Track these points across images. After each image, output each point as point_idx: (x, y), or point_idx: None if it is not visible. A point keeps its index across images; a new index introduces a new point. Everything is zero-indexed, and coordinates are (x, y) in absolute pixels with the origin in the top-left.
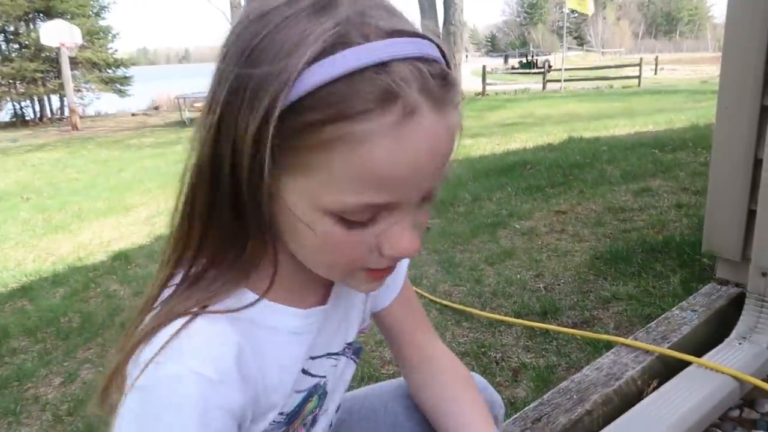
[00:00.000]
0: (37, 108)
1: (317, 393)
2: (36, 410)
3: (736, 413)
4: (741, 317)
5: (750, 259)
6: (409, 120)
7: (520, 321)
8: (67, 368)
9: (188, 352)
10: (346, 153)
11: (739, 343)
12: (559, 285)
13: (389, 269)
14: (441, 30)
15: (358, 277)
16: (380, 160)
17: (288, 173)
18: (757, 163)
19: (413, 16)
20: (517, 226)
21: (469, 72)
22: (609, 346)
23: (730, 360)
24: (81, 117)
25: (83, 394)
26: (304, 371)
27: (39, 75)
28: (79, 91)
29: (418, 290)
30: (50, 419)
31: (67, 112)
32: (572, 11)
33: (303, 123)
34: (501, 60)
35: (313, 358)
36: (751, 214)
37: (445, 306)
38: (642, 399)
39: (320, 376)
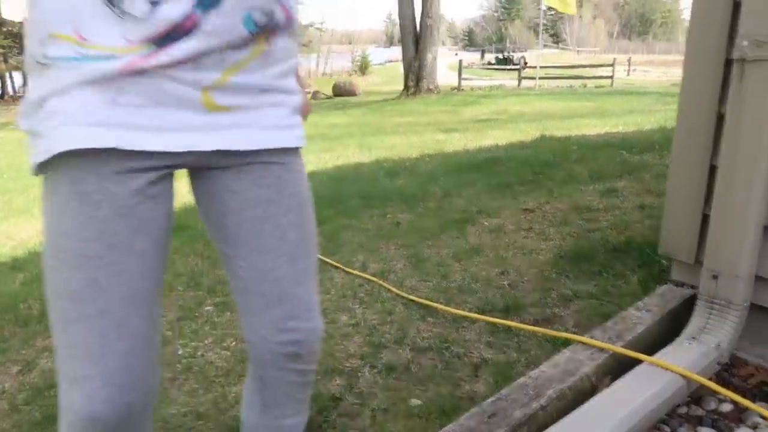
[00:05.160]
0: None
1: None
2: None
3: (683, 410)
4: (692, 318)
5: (702, 262)
6: None
7: (483, 317)
8: (26, 356)
9: None
10: None
11: (689, 343)
12: (522, 282)
13: None
14: (418, 22)
15: None
16: None
17: None
18: (712, 170)
19: (390, 6)
20: (485, 223)
21: (445, 66)
22: (567, 343)
23: (680, 359)
24: None
25: (42, 383)
26: None
27: (1, 51)
28: None
29: (386, 284)
30: (6, 408)
31: None
32: (549, 8)
33: None
34: (478, 55)
35: None
36: (705, 219)
37: (411, 301)
38: (595, 395)
39: None
